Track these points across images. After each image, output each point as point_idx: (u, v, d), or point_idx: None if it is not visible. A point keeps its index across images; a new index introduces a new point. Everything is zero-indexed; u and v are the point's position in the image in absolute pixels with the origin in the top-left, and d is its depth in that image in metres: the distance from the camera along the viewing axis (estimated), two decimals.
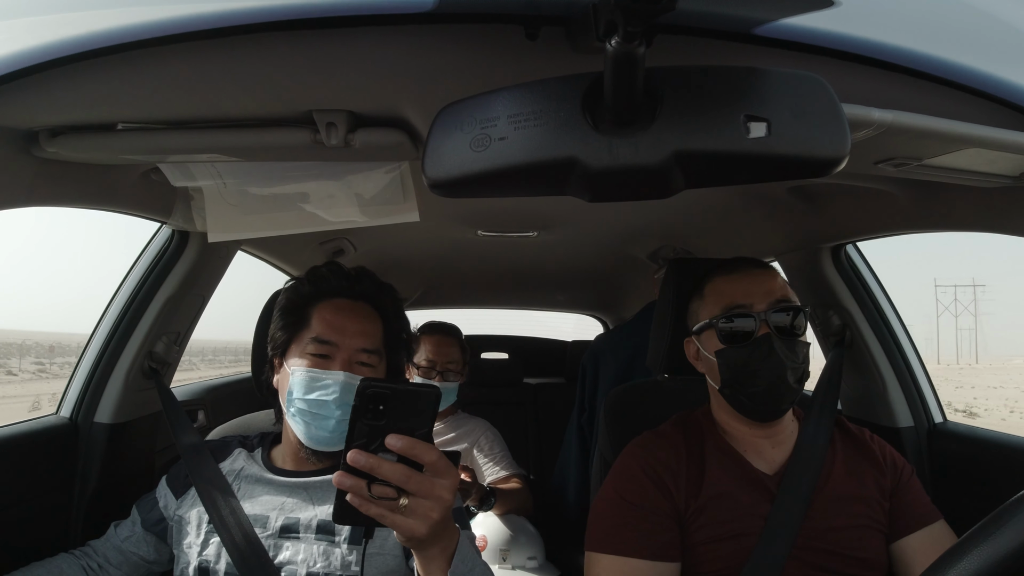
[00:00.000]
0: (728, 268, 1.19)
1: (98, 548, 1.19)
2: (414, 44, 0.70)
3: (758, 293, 1.12)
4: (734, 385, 1.11)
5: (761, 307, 1.10)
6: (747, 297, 1.12)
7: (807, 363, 1.12)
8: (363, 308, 1.18)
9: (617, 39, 0.50)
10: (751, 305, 1.11)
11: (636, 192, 0.63)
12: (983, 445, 1.47)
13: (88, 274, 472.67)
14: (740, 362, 1.10)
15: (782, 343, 1.08)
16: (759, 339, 1.09)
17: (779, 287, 1.13)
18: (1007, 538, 0.50)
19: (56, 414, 1.53)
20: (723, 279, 1.18)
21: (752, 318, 1.10)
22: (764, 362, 1.08)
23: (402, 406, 0.75)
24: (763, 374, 1.08)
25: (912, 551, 1.09)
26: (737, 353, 1.10)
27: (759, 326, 1.09)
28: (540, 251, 2.43)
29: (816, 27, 0.67)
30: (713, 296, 1.17)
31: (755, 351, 1.08)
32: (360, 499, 0.73)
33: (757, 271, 1.17)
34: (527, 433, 3.12)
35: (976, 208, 1.11)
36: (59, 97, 0.78)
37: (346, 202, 1.23)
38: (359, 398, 0.74)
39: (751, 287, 1.13)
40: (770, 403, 1.10)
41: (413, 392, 0.76)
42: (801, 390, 1.12)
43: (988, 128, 0.74)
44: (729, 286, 1.15)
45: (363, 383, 0.75)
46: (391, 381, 0.89)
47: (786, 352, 1.08)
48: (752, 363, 1.08)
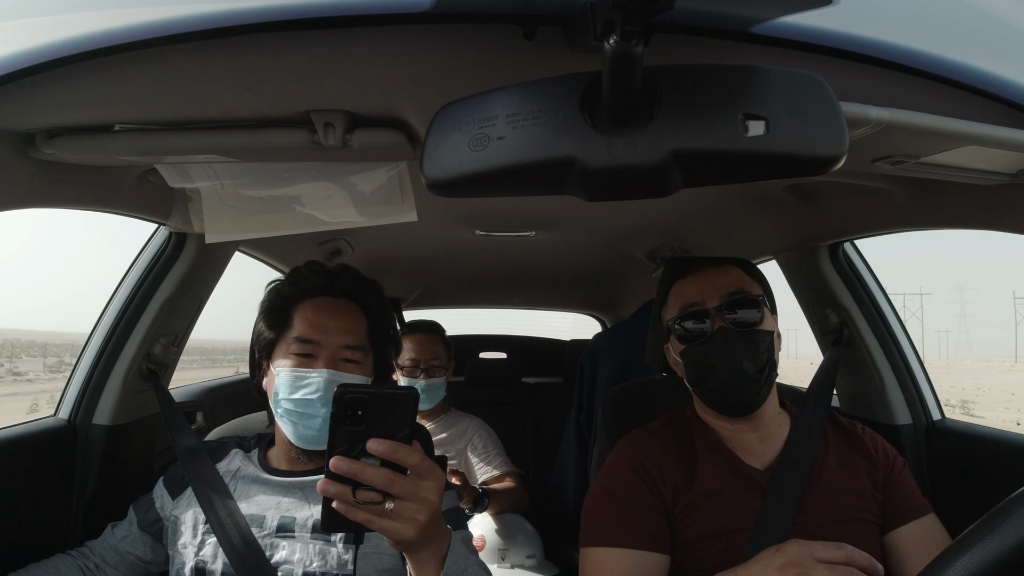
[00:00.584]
0: (687, 270, 1.21)
1: (95, 548, 1.19)
2: (412, 44, 0.70)
3: (710, 289, 1.14)
4: (698, 383, 1.14)
5: (713, 302, 1.12)
6: (700, 295, 1.14)
7: (771, 352, 1.12)
8: (345, 305, 1.18)
9: (615, 38, 0.50)
10: (704, 302, 1.13)
11: (634, 191, 0.63)
12: (981, 442, 1.47)
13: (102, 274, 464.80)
14: (699, 359, 1.12)
15: (738, 335, 1.09)
16: (712, 334, 1.11)
17: (733, 280, 1.15)
18: (1006, 535, 0.50)
19: (54, 416, 1.53)
20: (680, 281, 1.20)
21: (706, 315, 1.12)
22: (719, 356, 1.09)
23: (381, 410, 0.75)
24: (719, 368, 1.09)
25: (903, 544, 1.09)
26: (695, 351, 1.13)
27: (714, 322, 1.11)
28: (538, 250, 2.44)
29: (814, 25, 0.67)
30: (673, 299, 1.20)
31: (709, 346, 1.11)
32: (346, 505, 0.73)
33: (711, 268, 1.18)
34: (525, 432, 3.13)
35: (973, 205, 1.11)
36: (56, 98, 0.78)
37: (344, 202, 1.23)
38: (336, 405, 0.74)
39: (704, 284, 1.15)
40: (733, 396, 1.11)
41: (390, 396, 0.76)
42: (767, 380, 1.12)
43: (985, 126, 0.75)
44: (685, 287, 1.18)
45: (339, 389, 0.75)
46: (368, 386, 0.89)
47: (742, 343, 1.09)
48: (708, 359, 1.11)
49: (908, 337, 1.67)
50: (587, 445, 2.19)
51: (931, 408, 1.63)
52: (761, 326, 1.12)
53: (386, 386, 1.19)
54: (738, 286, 1.14)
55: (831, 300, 1.65)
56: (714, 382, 1.10)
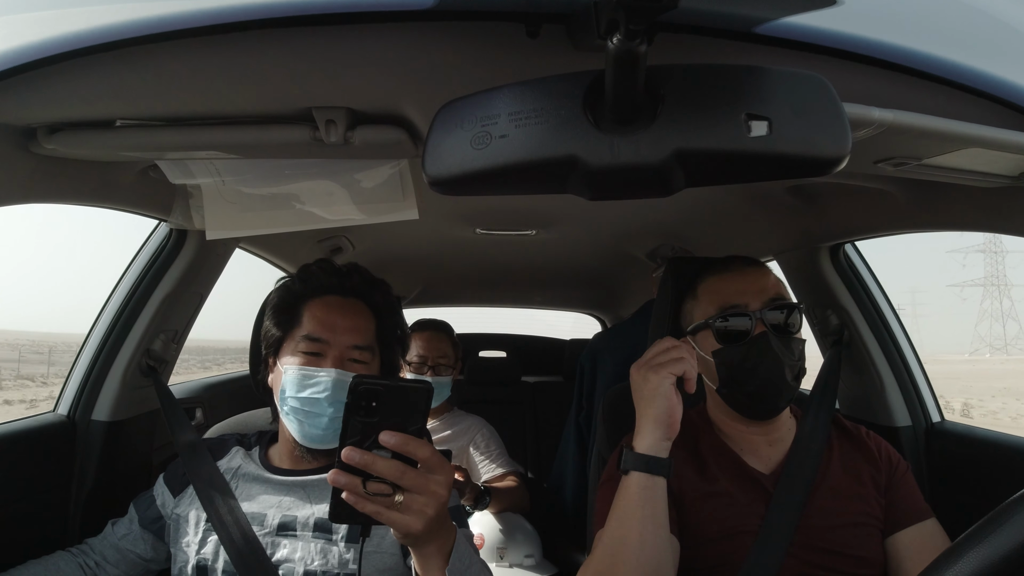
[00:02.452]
0: (721, 267, 1.19)
1: (95, 546, 1.19)
2: (415, 41, 0.70)
3: (752, 292, 1.12)
4: (732, 384, 1.11)
5: (756, 306, 1.11)
6: (742, 296, 1.12)
7: (803, 360, 1.12)
8: (354, 305, 1.18)
9: (619, 37, 0.50)
10: (746, 304, 1.11)
11: (637, 191, 0.63)
12: (981, 444, 1.47)
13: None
14: (737, 361, 1.10)
15: (778, 341, 1.08)
16: (755, 338, 1.09)
17: (772, 285, 1.14)
18: (1006, 538, 0.50)
19: (54, 412, 1.53)
20: (717, 278, 1.17)
21: (748, 317, 1.10)
22: (761, 360, 1.08)
23: (394, 402, 0.75)
24: (760, 372, 1.08)
25: (902, 547, 1.09)
26: (734, 352, 1.10)
27: (755, 325, 1.10)
28: (538, 249, 2.43)
29: (817, 26, 0.67)
30: (708, 296, 1.17)
31: (752, 350, 1.09)
32: (356, 496, 0.74)
33: (750, 270, 1.17)
34: (525, 431, 3.13)
35: (975, 208, 1.11)
36: (57, 93, 0.78)
37: (345, 200, 1.22)
38: (351, 395, 0.74)
39: (745, 286, 1.13)
40: (768, 401, 1.10)
41: (405, 388, 0.76)
42: (798, 387, 1.12)
43: (988, 128, 0.74)
44: (723, 285, 1.15)
45: (355, 380, 0.75)
46: (383, 377, 0.89)
47: (782, 350, 1.08)
48: (749, 362, 1.09)
49: (908, 339, 1.67)
50: (586, 444, 2.19)
51: (931, 410, 1.63)
52: (797, 333, 1.12)
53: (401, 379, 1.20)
54: (777, 291, 1.13)
55: (831, 301, 1.65)
56: (753, 385, 1.09)
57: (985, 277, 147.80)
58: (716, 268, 1.19)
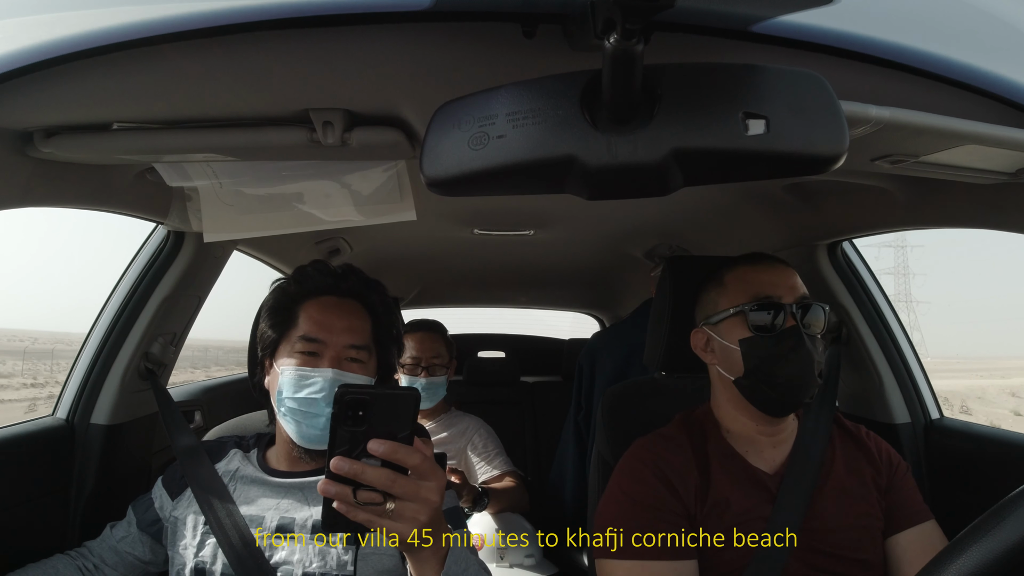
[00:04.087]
0: (752, 260, 1.18)
1: (94, 549, 1.19)
2: (411, 42, 0.70)
3: (784, 286, 1.11)
4: (758, 374, 1.09)
5: (790, 300, 1.10)
6: (775, 289, 1.11)
7: (824, 361, 1.12)
8: (350, 305, 1.18)
9: (615, 37, 0.50)
10: (780, 296, 1.10)
11: (635, 190, 0.63)
12: (979, 441, 1.48)
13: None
14: (768, 351, 1.08)
15: (811, 337, 1.08)
16: (789, 330, 1.08)
17: (800, 284, 1.14)
18: (1007, 533, 0.50)
19: (52, 415, 1.53)
20: (749, 269, 1.16)
21: (782, 309, 1.09)
22: (794, 353, 1.07)
23: (382, 411, 0.75)
24: (791, 366, 1.07)
25: (901, 549, 1.09)
26: (767, 342, 1.09)
27: (787, 318, 1.09)
28: (536, 249, 2.43)
29: (814, 24, 0.67)
30: (738, 284, 1.15)
31: (784, 341, 1.07)
32: (346, 506, 0.73)
33: (781, 266, 1.16)
34: (524, 432, 3.12)
35: (972, 204, 1.11)
36: (54, 97, 0.77)
37: (342, 201, 1.22)
38: (337, 405, 0.74)
39: (778, 280, 1.12)
40: (794, 394, 1.08)
41: (391, 396, 0.76)
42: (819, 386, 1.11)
43: (985, 125, 0.74)
44: (756, 276, 1.14)
45: (340, 390, 0.74)
46: (369, 386, 0.88)
47: (812, 346, 1.07)
48: (780, 353, 1.07)
49: (907, 336, 1.67)
50: (586, 444, 2.19)
51: (929, 407, 1.64)
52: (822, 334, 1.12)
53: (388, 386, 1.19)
54: (805, 291, 1.13)
55: (830, 299, 1.65)
56: (781, 377, 1.07)
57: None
58: (747, 260, 1.19)
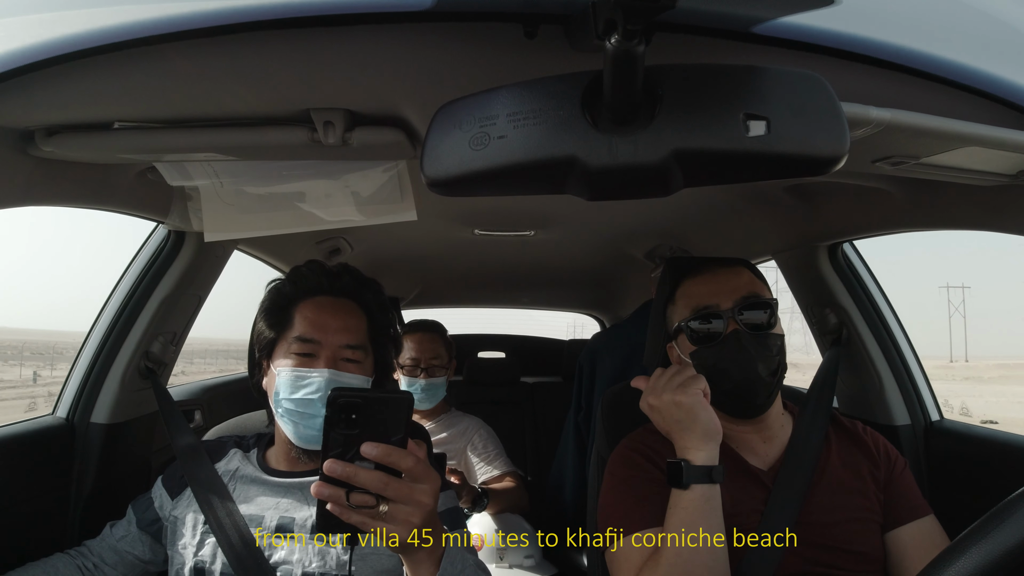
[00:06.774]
0: (695, 270, 1.21)
1: (94, 548, 1.19)
2: (412, 42, 0.70)
3: (724, 292, 1.14)
4: (712, 383, 1.11)
5: (728, 305, 1.12)
6: (714, 297, 1.14)
7: (782, 355, 1.13)
8: (345, 304, 1.18)
9: (616, 37, 0.50)
10: (717, 304, 1.13)
11: (635, 191, 0.63)
12: (979, 443, 1.48)
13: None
14: (711, 362, 1.12)
15: (752, 338, 1.10)
16: (727, 337, 1.11)
17: (745, 284, 1.15)
18: (1007, 535, 0.50)
19: (52, 414, 1.53)
20: (691, 281, 1.20)
21: (720, 317, 1.12)
22: (734, 359, 1.10)
23: (375, 414, 0.75)
24: (734, 371, 1.10)
25: (901, 544, 1.09)
26: (708, 353, 1.12)
27: (727, 324, 1.11)
28: (537, 250, 2.43)
29: (815, 26, 0.67)
30: (683, 299, 1.19)
31: (725, 349, 1.11)
32: (340, 508, 0.74)
33: (722, 270, 1.18)
34: (524, 432, 3.12)
35: (972, 206, 1.11)
36: (55, 96, 0.78)
37: (343, 201, 1.22)
38: (330, 408, 0.74)
39: (717, 287, 1.15)
40: (745, 398, 1.11)
41: (384, 400, 0.76)
42: (777, 383, 1.13)
43: (985, 126, 0.75)
44: (696, 288, 1.18)
45: (333, 393, 0.75)
46: (362, 390, 0.89)
47: (756, 347, 1.09)
48: (723, 361, 1.11)
49: (907, 337, 1.67)
50: (586, 444, 2.19)
51: (929, 409, 1.64)
52: (774, 329, 1.13)
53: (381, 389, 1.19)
54: (750, 289, 1.14)
55: (830, 300, 1.65)
56: (728, 384, 1.10)
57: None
58: (691, 271, 1.22)
